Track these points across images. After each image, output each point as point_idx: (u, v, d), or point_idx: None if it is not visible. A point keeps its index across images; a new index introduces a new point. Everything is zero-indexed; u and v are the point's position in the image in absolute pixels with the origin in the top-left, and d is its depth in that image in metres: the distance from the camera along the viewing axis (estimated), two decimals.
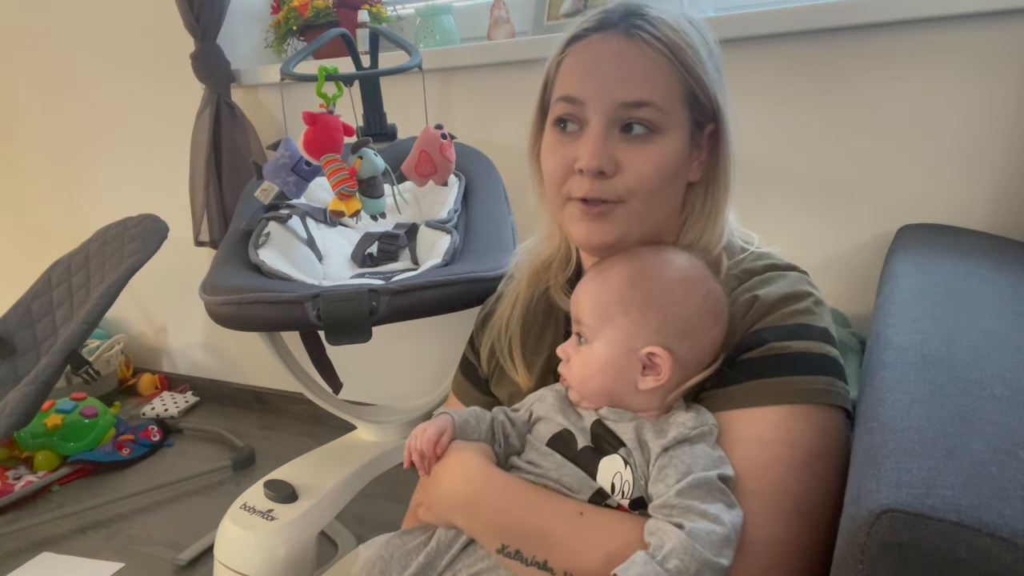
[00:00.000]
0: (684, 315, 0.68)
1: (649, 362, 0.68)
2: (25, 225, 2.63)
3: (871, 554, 0.49)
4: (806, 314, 0.70)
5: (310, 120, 1.20)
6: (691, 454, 0.63)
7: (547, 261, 0.87)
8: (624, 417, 0.69)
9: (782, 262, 0.76)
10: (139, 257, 1.64)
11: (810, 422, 0.66)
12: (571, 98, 0.73)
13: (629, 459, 0.66)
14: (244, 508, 1.24)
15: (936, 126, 1.29)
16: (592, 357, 0.70)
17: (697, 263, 0.72)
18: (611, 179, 0.71)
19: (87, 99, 2.29)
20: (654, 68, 0.71)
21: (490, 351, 0.90)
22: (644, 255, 0.73)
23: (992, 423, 0.58)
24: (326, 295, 1.04)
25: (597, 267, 0.75)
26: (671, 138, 0.72)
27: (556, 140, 0.76)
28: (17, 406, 1.42)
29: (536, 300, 0.88)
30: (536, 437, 0.73)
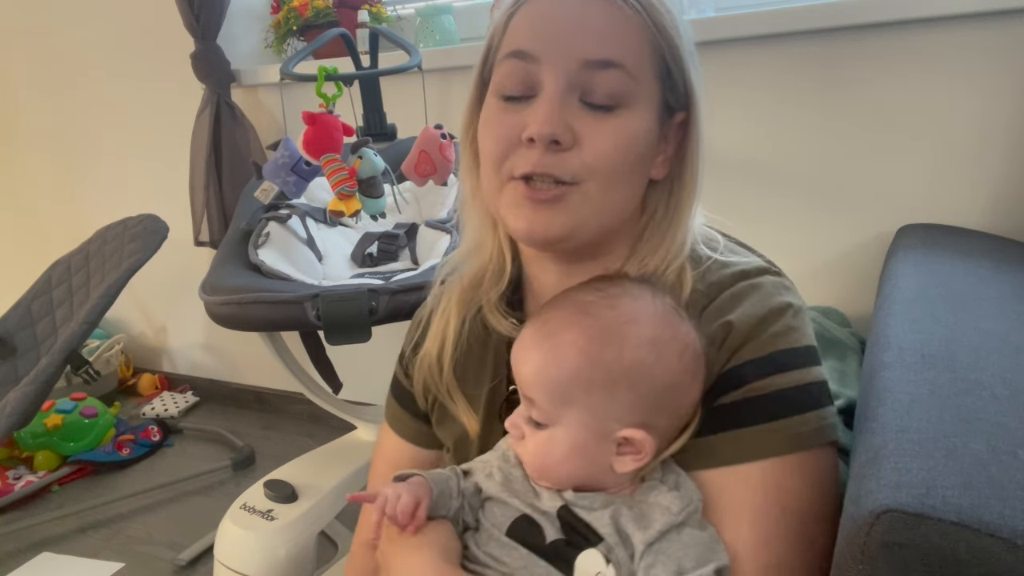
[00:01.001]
0: (659, 385, 0.57)
1: (625, 442, 0.58)
2: (25, 225, 2.63)
3: (871, 554, 0.49)
4: (787, 335, 0.60)
5: (310, 120, 1.20)
6: (679, 544, 0.55)
7: (476, 278, 0.73)
8: (596, 503, 0.58)
9: (751, 266, 0.64)
10: (139, 257, 1.64)
11: (801, 474, 0.59)
12: (522, 52, 0.60)
13: (611, 556, 0.56)
14: (244, 508, 1.24)
15: (936, 126, 1.29)
16: (553, 443, 0.59)
17: (662, 309, 0.60)
18: (566, 153, 0.59)
19: (87, 99, 2.29)
20: (625, 25, 0.59)
21: (424, 386, 0.77)
22: (596, 312, 0.59)
23: (992, 423, 0.58)
24: (325, 295, 1.04)
25: (540, 329, 0.60)
26: (639, 113, 0.60)
27: (499, 108, 0.62)
28: (17, 406, 1.42)
29: (468, 326, 0.73)
30: (492, 523, 0.61)
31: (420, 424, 0.81)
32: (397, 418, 0.83)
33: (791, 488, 0.58)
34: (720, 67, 1.41)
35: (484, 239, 0.72)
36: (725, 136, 1.43)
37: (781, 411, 0.59)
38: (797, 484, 0.59)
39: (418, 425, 0.81)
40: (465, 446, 0.73)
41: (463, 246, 0.75)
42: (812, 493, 0.59)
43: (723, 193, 1.50)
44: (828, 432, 0.60)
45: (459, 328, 0.73)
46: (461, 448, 0.74)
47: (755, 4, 1.43)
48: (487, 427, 0.72)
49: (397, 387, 0.83)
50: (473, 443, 0.72)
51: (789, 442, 0.58)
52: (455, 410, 0.74)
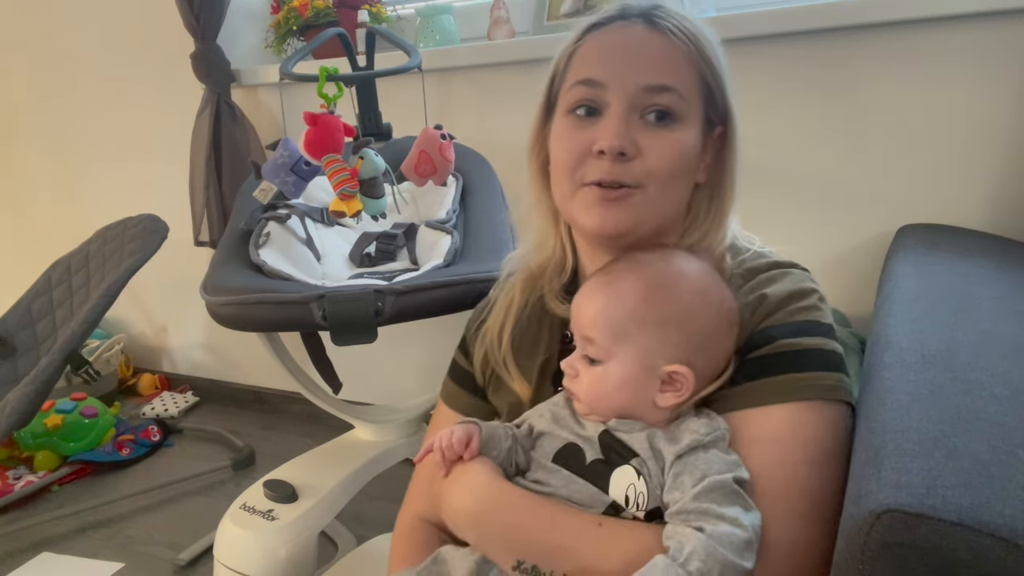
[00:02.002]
0: (702, 328, 0.66)
1: (669, 379, 0.66)
2: (25, 225, 2.63)
3: (871, 554, 0.49)
4: (812, 311, 0.70)
5: (311, 120, 1.20)
6: (705, 459, 0.62)
7: (540, 268, 0.85)
8: (634, 427, 0.67)
9: (784, 260, 0.76)
10: (139, 257, 1.64)
11: (821, 418, 0.66)
12: (591, 81, 0.71)
13: (642, 470, 0.64)
14: (244, 508, 1.24)
15: (936, 126, 1.29)
16: (607, 376, 0.67)
17: (708, 269, 0.71)
18: (631, 162, 0.70)
19: (87, 99, 2.29)
20: (677, 56, 0.71)
21: (484, 360, 0.87)
22: (653, 263, 0.70)
23: (992, 423, 0.58)
24: (332, 296, 1.04)
25: (602, 278, 0.71)
26: (689, 128, 0.71)
27: (571, 125, 0.73)
28: (17, 406, 1.42)
29: (530, 307, 0.85)
30: (541, 453, 0.70)
31: (475, 399, 0.90)
32: (453, 395, 0.92)
33: (811, 427, 0.65)
34: None
35: (547, 237, 0.83)
36: None
37: (806, 365, 0.67)
38: (818, 426, 0.66)
39: (473, 400, 0.90)
40: (518, 411, 0.81)
41: (527, 244, 0.86)
42: (829, 436, 0.66)
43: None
44: (845, 392, 0.67)
45: (521, 308, 0.85)
46: (514, 414, 0.81)
47: (755, 4, 1.43)
48: (538, 394, 0.80)
49: (455, 369, 0.93)
50: (526, 407, 0.80)
51: (811, 390, 0.66)
52: (509, 379, 0.83)
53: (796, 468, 0.64)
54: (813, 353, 0.67)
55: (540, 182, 0.80)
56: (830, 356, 0.68)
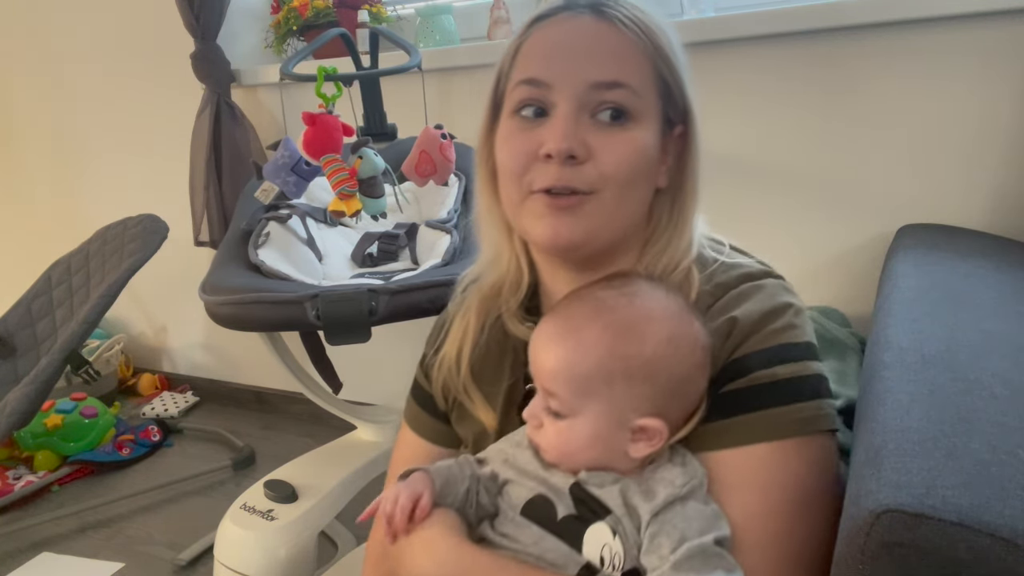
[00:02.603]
0: (674, 377, 0.61)
1: (641, 430, 0.61)
2: (25, 225, 2.63)
3: (871, 554, 0.49)
4: (788, 331, 0.64)
5: (309, 120, 1.20)
6: (683, 516, 0.58)
7: (495, 287, 0.77)
8: (606, 480, 0.62)
9: (756, 269, 0.69)
10: (139, 257, 1.64)
11: (802, 456, 0.62)
12: (535, 80, 0.65)
13: (617, 528, 0.59)
14: (244, 508, 1.24)
15: (936, 126, 1.29)
16: (573, 432, 0.62)
17: (676, 308, 0.64)
18: (582, 165, 0.63)
19: (87, 99, 2.29)
20: (628, 49, 0.65)
21: (444, 386, 0.81)
22: (617, 307, 0.63)
23: (992, 423, 0.58)
24: (325, 295, 1.04)
25: (562, 324, 0.64)
26: (645, 127, 0.65)
27: (516, 128, 0.67)
28: (17, 406, 1.42)
29: (487, 330, 0.78)
30: (508, 504, 0.65)
31: (439, 423, 0.84)
32: (416, 418, 0.86)
33: (792, 469, 0.61)
34: (720, 67, 1.41)
35: (501, 251, 0.76)
36: (725, 137, 1.43)
37: (783, 398, 0.62)
38: (798, 466, 0.62)
39: (437, 424, 0.84)
40: (484, 441, 0.76)
41: (482, 258, 0.79)
42: (811, 475, 0.62)
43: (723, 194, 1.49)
44: (827, 421, 0.63)
45: (478, 332, 0.78)
46: (480, 443, 0.77)
47: (755, 4, 1.43)
48: (504, 422, 0.75)
49: (417, 389, 0.86)
50: (491, 438, 0.75)
51: (791, 426, 0.62)
52: (473, 408, 0.78)
53: (778, 517, 0.60)
54: (789, 383, 0.62)
55: (490, 190, 0.73)
56: (809, 382, 0.63)
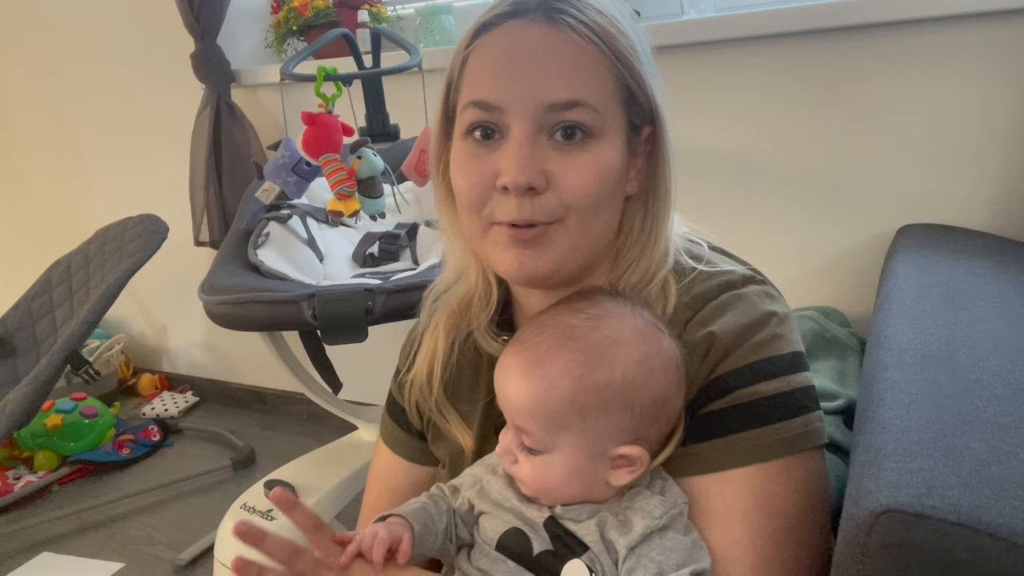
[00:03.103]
0: (650, 400, 0.58)
1: (621, 458, 0.59)
2: (25, 225, 2.63)
3: (871, 554, 0.49)
4: (771, 343, 0.61)
5: (309, 120, 1.20)
6: (661, 548, 0.56)
7: (464, 302, 0.73)
8: (583, 514, 0.59)
9: (736, 276, 0.65)
10: (139, 257, 1.64)
11: (788, 478, 0.59)
12: (485, 104, 0.60)
13: (594, 566, 0.57)
14: (244, 508, 1.24)
15: (936, 126, 1.29)
16: (551, 468, 0.59)
17: (643, 325, 0.61)
18: (542, 195, 0.59)
19: (87, 99, 2.29)
20: (584, 60, 0.59)
21: (417, 406, 0.77)
22: (581, 335, 0.59)
23: (992, 423, 0.58)
24: (321, 295, 1.04)
25: (526, 355, 0.60)
26: (608, 143, 0.60)
27: (469, 153, 0.62)
28: (17, 406, 1.42)
29: (458, 349, 0.74)
30: (484, 537, 0.63)
31: (415, 441, 0.80)
32: (392, 435, 0.82)
33: (778, 492, 0.59)
34: (720, 67, 1.41)
35: (467, 265, 0.72)
36: (724, 136, 1.43)
37: (767, 417, 0.59)
38: (784, 488, 0.59)
39: (413, 442, 0.81)
40: (460, 462, 0.73)
41: (448, 271, 0.74)
42: (799, 496, 0.60)
43: (723, 193, 1.49)
44: (814, 437, 0.61)
45: (448, 351, 0.74)
46: (456, 464, 0.74)
47: (755, 4, 1.43)
48: (481, 443, 0.72)
49: (392, 404, 0.83)
50: (468, 458, 0.72)
51: (775, 447, 0.59)
52: (448, 428, 0.74)
53: (764, 544, 0.58)
54: (773, 400, 0.59)
55: (450, 206, 0.68)
56: (794, 397, 0.60)
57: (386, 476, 0.82)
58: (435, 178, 0.69)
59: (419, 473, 0.81)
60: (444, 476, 0.76)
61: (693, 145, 1.41)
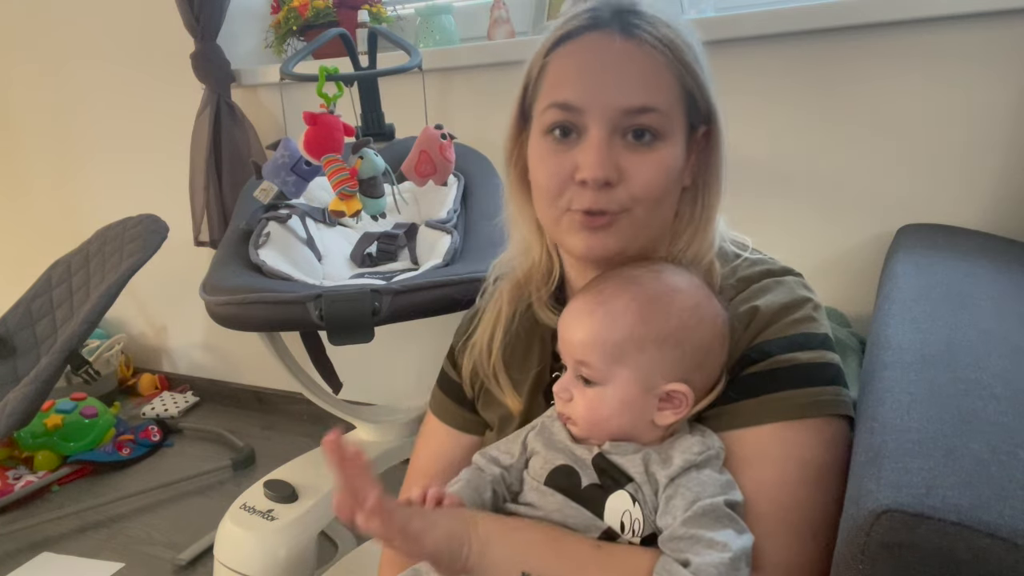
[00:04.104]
0: (699, 344, 0.65)
1: (667, 397, 0.65)
2: (25, 225, 2.63)
3: (871, 554, 0.49)
4: (807, 322, 0.68)
5: (311, 120, 1.20)
6: (698, 480, 0.61)
7: (526, 276, 0.81)
8: (628, 450, 0.65)
9: (777, 267, 0.73)
10: (139, 257, 1.64)
11: (819, 436, 0.64)
12: (567, 105, 0.67)
13: (637, 495, 0.63)
14: (244, 508, 1.24)
15: (936, 126, 1.29)
16: (604, 399, 0.65)
17: (699, 283, 0.69)
18: (615, 188, 0.67)
19: (87, 99, 2.29)
20: (657, 70, 0.67)
21: (472, 373, 0.84)
22: (644, 281, 0.67)
23: (992, 423, 0.58)
24: (328, 295, 1.04)
25: (593, 297, 0.68)
26: (673, 143, 0.68)
27: (550, 148, 0.69)
28: (17, 406, 1.42)
29: (518, 318, 0.82)
30: (533, 475, 0.68)
31: (465, 411, 0.87)
32: (442, 406, 0.89)
33: (809, 446, 0.64)
34: (720, 67, 1.39)
35: (531, 244, 0.79)
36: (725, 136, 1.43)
37: (802, 381, 0.65)
38: (814, 445, 0.64)
39: (462, 412, 0.87)
40: (508, 425, 0.79)
41: (512, 249, 0.82)
42: (827, 454, 0.64)
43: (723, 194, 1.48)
44: (843, 406, 0.66)
45: (510, 319, 0.81)
46: (505, 427, 0.80)
47: (755, 4, 1.43)
48: (529, 407, 0.78)
49: (444, 379, 0.90)
50: (516, 421, 0.78)
51: (808, 408, 0.65)
52: (500, 393, 0.80)
53: (793, 489, 0.63)
54: (809, 368, 0.66)
55: (522, 192, 0.76)
56: (826, 369, 0.67)
57: (435, 444, 0.89)
58: (506, 168, 0.78)
59: (466, 440, 0.86)
60: (492, 438, 0.81)
61: None
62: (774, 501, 0.62)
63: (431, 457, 0.88)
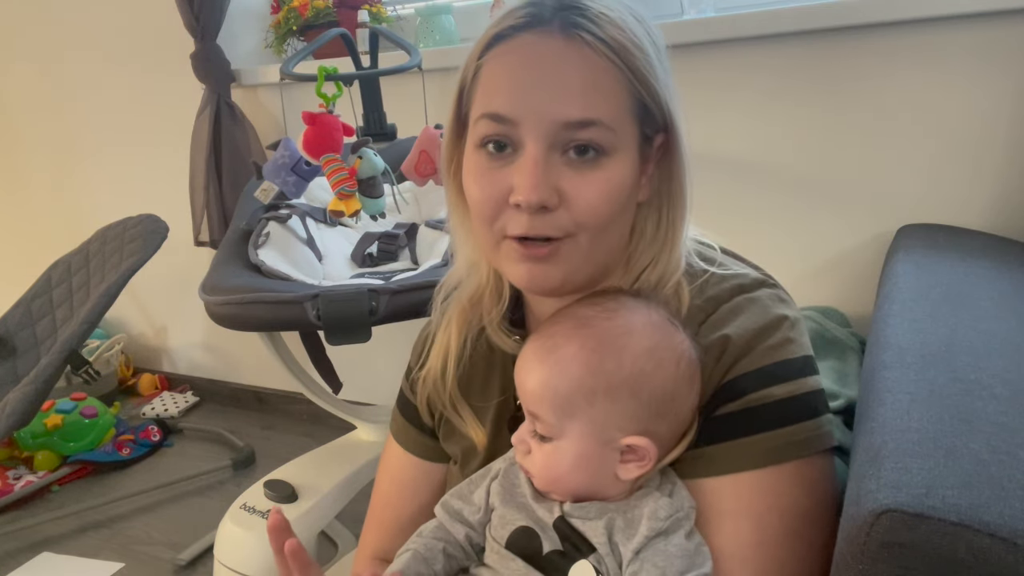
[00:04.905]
0: (658, 393, 0.59)
1: (629, 450, 0.60)
2: (25, 225, 2.63)
3: (871, 554, 0.49)
4: (784, 347, 0.62)
5: (309, 120, 1.20)
6: (665, 555, 0.57)
7: (476, 297, 0.73)
8: (591, 513, 0.60)
9: (748, 279, 0.65)
10: (139, 257, 1.64)
11: (799, 480, 0.60)
12: (499, 116, 0.60)
13: (600, 567, 0.58)
14: (244, 508, 1.24)
15: (936, 126, 1.29)
16: (560, 455, 0.60)
17: (657, 319, 0.62)
18: (554, 212, 0.59)
19: (87, 99, 2.29)
20: (600, 78, 0.59)
21: (429, 402, 0.78)
22: (595, 324, 0.61)
23: (992, 423, 0.58)
24: (325, 295, 1.04)
25: (542, 344, 0.62)
26: (621, 159, 0.60)
27: (483, 165, 0.62)
28: (17, 406, 1.42)
29: (470, 345, 0.74)
30: (493, 535, 0.64)
31: (426, 438, 0.81)
32: (403, 432, 0.83)
33: (788, 494, 0.60)
34: (720, 67, 1.41)
35: (477, 260, 0.72)
36: (725, 136, 1.43)
37: (778, 421, 0.60)
38: (794, 491, 0.60)
39: (424, 439, 0.81)
40: (472, 458, 0.74)
41: (458, 265, 0.74)
42: (809, 499, 0.61)
43: (723, 194, 1.49)
44: (824, 440, 0.62)
45: (461, 346, 0.74)
46: (468, 460, 0.75)
47: (755, 4, 1.43)
48: (494, 440, 0.73)
49: (403, 401, 0.83)
50: (480, 456, 0.73)
51: (787, 450, 0.60)
52: (461, 424, 0.75)
53: (773, 545, 0.59)
54: (784, 405, 0.60)
55: (462, 205, 0.68)
56: (805, 401, 0.61)
57: (397, 471, 0.83)
58: (446, 179, 0.70)
59: (429, 469, 0.81)
60: (455, 472, 0.77)
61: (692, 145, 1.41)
62: (753, 563, 0.59)
63: (393, 484, 0.83)
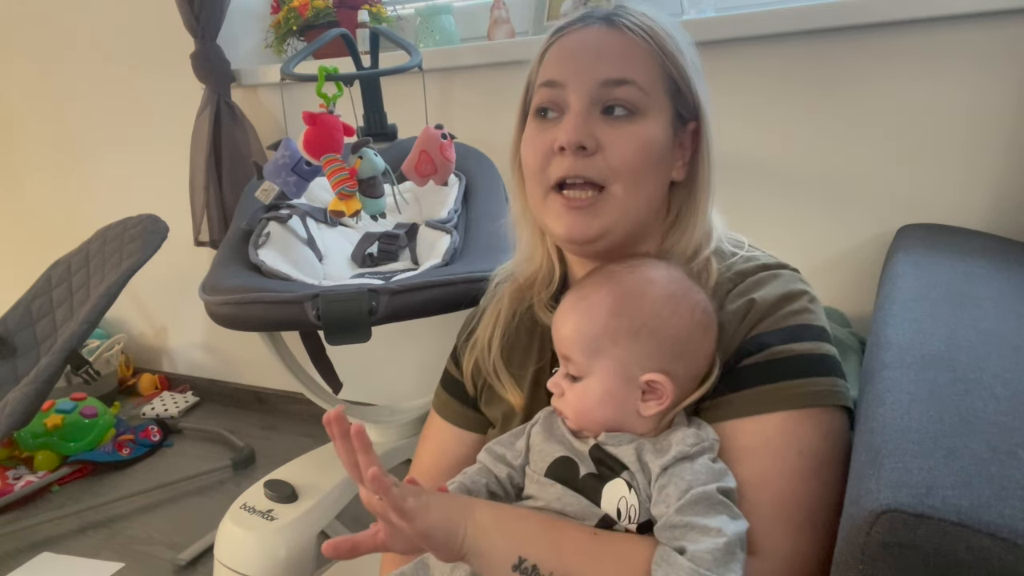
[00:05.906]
0: (675, 335, 0.66)
1: (649, 388, 0.66)
2: (25, 225, 2.63)
3: (871, 554, 0.49)
4: (804, 313, 0.69)
5: (310, 120, 1.20)
6: (691, 470, 0.62)
7: (529, 279, 0.84)
8: (623, 440, 0.66)
9: (772, 261, 0.74)
10: (139, 257, 1.64)
11: (817, 426, 0.65)
12: (551, 82, 0.72)
13: (633, 482, 0.64)
14: (244, 508, 1.24)
15: (936, 126, 1.29)
16: (588, 392, 0.68)
17: (677, 275, 0.70)
18: (593, 157, 0.69)
19: (87, 99, 2.29)
20: (634, 50, 0.71)
21: (474, 369, 0.87)
22: (620, 276, 0.70)
23: (992, 423, 0.58)
24: (325, 295, 1.04)
25: (574, 294, 0.71)
26: (653, 121, 0.71)
27: (536, 128, 0.74)
28: (17, 406, 1.42)
29: (519, 318, 0.84)
30: (533, 468, 0.71)
31: (467, 409, 0.89)
32: (446, 405, 0.91)
33: (807, 436, 0.65)
34: (720, 67, 1.41)
35: (535, 250, 0.83)
36: (725, 136, 1.42)
37: (799, 371, 0.66)
38: (812, 434, 0.65)
39: (464, 410, 0.89)
40: (511, 421, 0.81)
41: (517, 256, 0.86)
42: (825, 444, 0.65)
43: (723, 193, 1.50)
44: (841, 397, 0.67)
45: (509, 318, 0.84)
46: (508, 423, 0.82)
47: (755, 4, 1.43)
48: (531, 403, 0.80)
49: (447, 378, 0.93)
50: (518, 417, 0.80)
51: (806, 398, 0.65)
52: (501, 389, 0.82)
53: (791, 478, 0.63)
54: (806, 358, 0.66)
55: (523, 193, 0.79)
56: (823, 360, 0.67)
57: (439, 441, 0.91)
58: (512, 168, 0.80)
59: (468, 438, 0.89)
60: (495, 435, 0.82)
61: None
62: (773, 491, 0.63)
63: (434, 455, 0.90)
